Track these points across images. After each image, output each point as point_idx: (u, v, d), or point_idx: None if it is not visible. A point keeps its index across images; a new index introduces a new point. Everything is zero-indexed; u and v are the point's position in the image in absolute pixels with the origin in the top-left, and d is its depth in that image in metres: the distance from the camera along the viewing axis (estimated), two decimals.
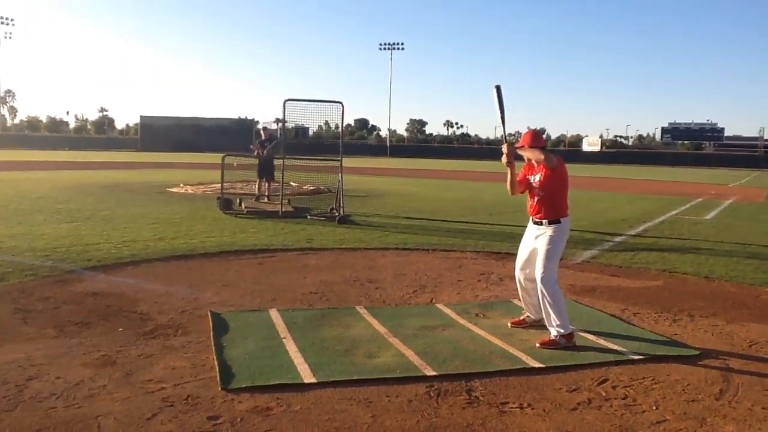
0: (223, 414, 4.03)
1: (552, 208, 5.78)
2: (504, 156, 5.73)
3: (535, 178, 5.83)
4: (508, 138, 5.83)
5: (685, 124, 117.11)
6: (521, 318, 6.25)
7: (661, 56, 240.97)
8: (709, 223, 16.32)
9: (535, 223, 5.88)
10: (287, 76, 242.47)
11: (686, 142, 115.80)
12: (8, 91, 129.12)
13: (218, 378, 4.60)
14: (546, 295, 5.62)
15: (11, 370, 4.63)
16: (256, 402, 4.24)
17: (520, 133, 5.92)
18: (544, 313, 5.71)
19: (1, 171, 29.31)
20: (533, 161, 5.87)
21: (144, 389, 4.38)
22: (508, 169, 5.83)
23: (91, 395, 4.25)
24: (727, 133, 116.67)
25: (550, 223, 5.76)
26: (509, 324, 6.20)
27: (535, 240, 5.85)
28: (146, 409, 4.05)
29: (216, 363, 4.89)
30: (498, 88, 5.87)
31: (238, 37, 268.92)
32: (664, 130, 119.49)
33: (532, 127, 5.93)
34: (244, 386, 4.48)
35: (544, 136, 6.36)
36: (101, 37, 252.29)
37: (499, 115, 5.93)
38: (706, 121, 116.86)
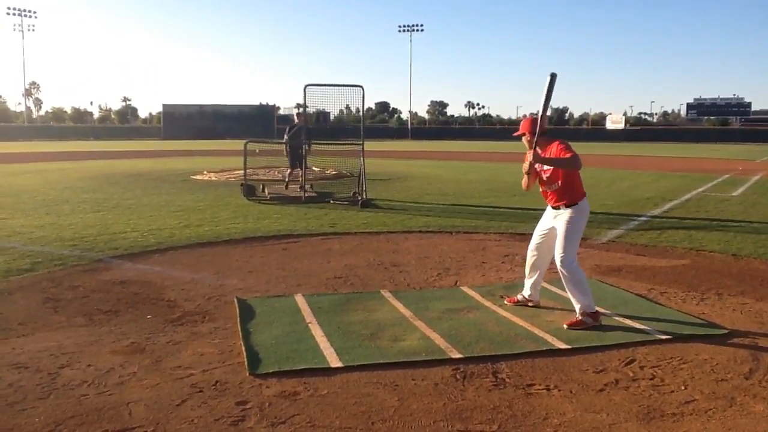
0: (251, 399, 4.08)
1: (568, 194, 5.71)
2: (527, 164, 5.67)
3: (544, 168, 5.77)
4: (542, 130, 5.67)
5: (711, 99, 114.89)
6: (516, 297, 6.29)
7: (686, 30, 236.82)
8: (736, 200, 16.08)
9: (553, 208, 5.84)
10: (307, 61, 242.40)
11: (712, 117, 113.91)
12: (33, 83, 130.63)
13: (246, 363, 4.65)
14: (567, 275, 5.60)
15: (44, 358, 4.72)
16: (283, 387, 4.28)
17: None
18: (568, 294, 5.68)
19: (28, 162, 29.73)
20: (539, 149, 5.72)
21: (173, 376, 4.44)
22: (529, 175, 5.80)
23: (121, 382, 4.32)
24: (754, 108, 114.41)
25: (567, 206, 5.71)
26: (506, 301, 6.29)
27: (554, 220, 5.81)
28: (176, 396, 4.11)
29: (243, 349, 4.94)
30: (553, 77, 5.55)
31: (258, 23, 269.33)
32: (689, 106, 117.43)
33: (531, 114, 5.70)
34: (271, 371, 4.52)
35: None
36: (122, 28, 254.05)
37: (542, 106, 5.66)
38: (732, 96, 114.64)
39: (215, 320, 5.72)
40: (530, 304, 6.18)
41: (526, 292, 6.20)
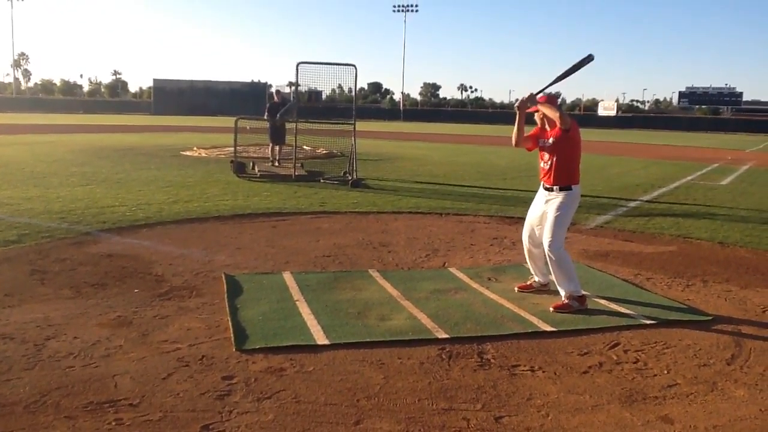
0: (237, 374, 4.09)
1: (564, 175, 5.72)
2: (519, 100, 5.68)
3: (548, 142, 5.76)
4: (542, 91, 5.72)
5: (703, 88, 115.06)
6: (528, 282, 6.26)
7: (679, 19, 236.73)
8: (725, 188, 16.17)
9: (546, 189, 5.84)
10: (300, 39, 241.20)
11: (703, 106, 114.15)
12: (22, 54, 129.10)
13: (232, 339, 4.65)
14: (554, 260, 5.63)
15: (30, 329, 4.71)
16: (269, 363, 4.29)
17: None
18: (554, 278, 5.72)
19: (16, 134, 29.46)
20: (547, 125, 5.79)
21: (159, 349, 4.44)
22: (517, 114, 5.75)
23: (107, 355, 4.32)
24: (745, 98, 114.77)
25: (561, 190, 5.72)
26: (516, 288, 6.21)
27: (545, 205, 5.82)
28: (162, 369, 4.11)
29: (230, 324, 4.94)
30: (590, 58, 5.64)
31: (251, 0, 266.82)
32: (681, 95, 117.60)
33: (547, 92, 5.81)
34: (257, 347, 4.53)
35: (559, 100, 6.39)
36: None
37: (559, 74, 5.71)
38: (724, 86, 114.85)
39: (203, 295, 5.72)
40: (544, 288, 6.15)
41: (540, 278, 6.19)
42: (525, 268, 6.82)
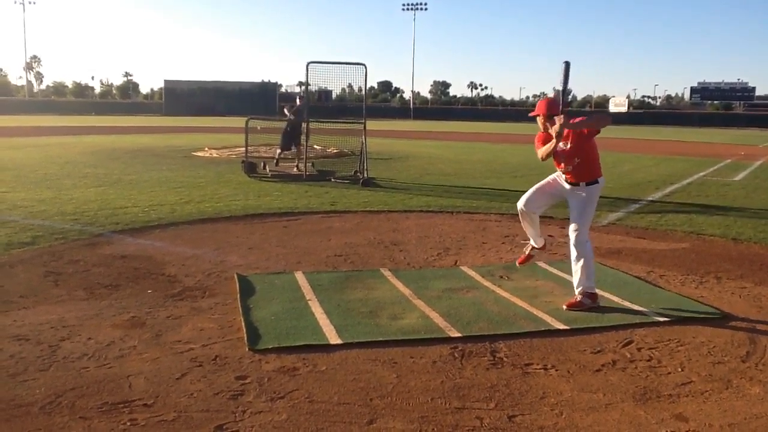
0: (250, 374, 4.10)
1: (588, 171, 5.69)
2: (556, 133, 5.49)
3: (566, 146, 5.70)
4: (564, 110, 5.59)
5: (715, 83, 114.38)
6: (526, 254, 6.34)
7: (691, 14, 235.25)
8: (738, 184, 16.06)
9: (572, 184, 5.79)
10: (310, 39, 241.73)
11: (716, 102, 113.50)
12: (34, 57, 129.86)
13: (245, 339, 4.67)
14: (579, 253, 5.58)
15: (44, 331, 4.74)
16: (282, 362, 4.30)
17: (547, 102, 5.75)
18: (573, 273, 5.67)
19: (29, 136, 29.66)
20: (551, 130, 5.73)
21: (173, 350, 4.46)
22: (555, 140, 5.59)
23: (121, 355, 4.34)
24: (758, 93, 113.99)
25: (588, 185, 5.71)
26: (517, 263, 6.34)
27: (570, 194, 5.75)
28: (175, 369, 4.13)
29: (243, 324, 4.96)
30: (567, 64, 5.60)
31: (260, 1, 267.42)
32: (693, 90, 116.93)
33: (550, 95, 5.84)
34: (270, 347, 4.54)
35: (570, 97, 6.43)
36: (124, 1, 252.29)
37: (561, 89, 5.71)
38: (736, 81, 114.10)
39: (215, 296, 5.74)
40: (542, 250, 6.30)
41: (536, 242, 6.23)
42: (537, 266, 6.82)
